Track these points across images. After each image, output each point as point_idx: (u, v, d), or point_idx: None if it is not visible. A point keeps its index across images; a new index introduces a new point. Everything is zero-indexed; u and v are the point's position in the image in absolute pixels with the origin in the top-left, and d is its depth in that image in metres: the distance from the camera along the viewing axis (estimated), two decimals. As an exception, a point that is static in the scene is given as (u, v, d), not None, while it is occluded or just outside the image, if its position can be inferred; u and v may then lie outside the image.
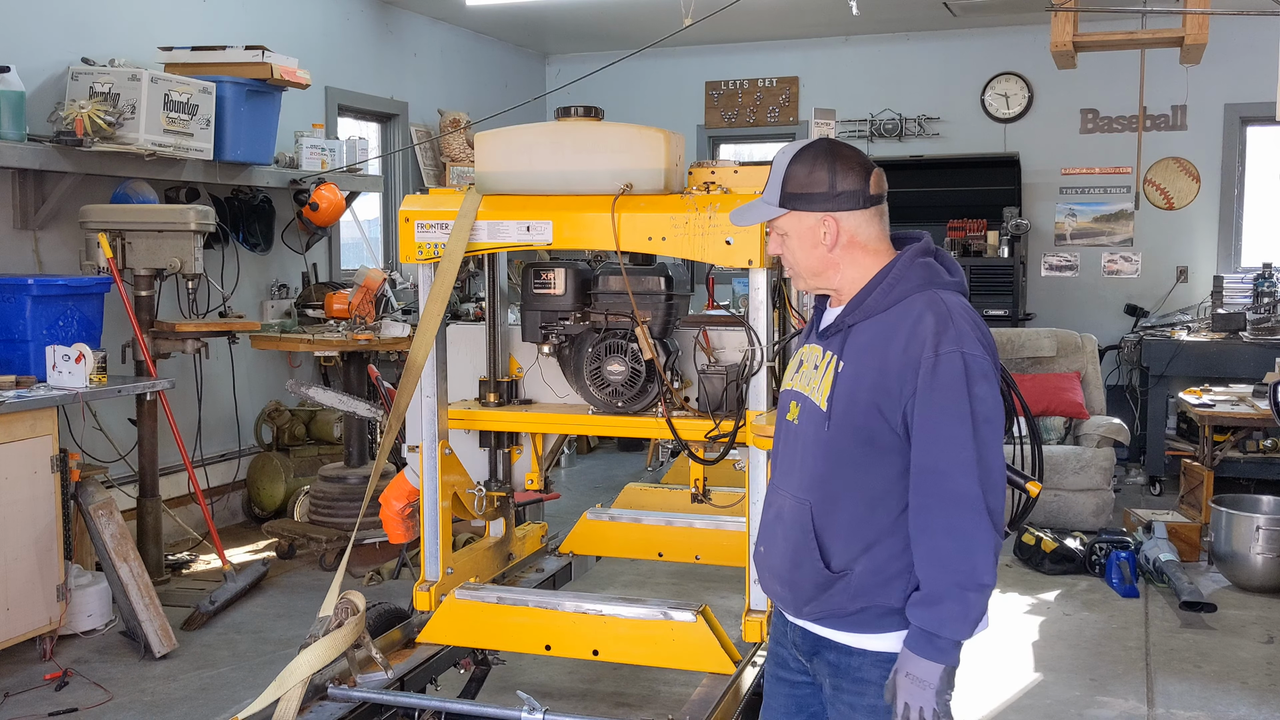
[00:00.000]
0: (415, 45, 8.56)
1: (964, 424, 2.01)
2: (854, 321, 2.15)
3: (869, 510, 2.11)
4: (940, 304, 2.08)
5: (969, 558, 1.99)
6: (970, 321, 2.08)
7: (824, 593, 2.14)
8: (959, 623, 2.01)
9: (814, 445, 2.16)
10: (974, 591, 2.00)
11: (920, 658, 2.02)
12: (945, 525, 2.01)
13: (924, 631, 2.02)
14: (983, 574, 2.00)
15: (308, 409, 6.88)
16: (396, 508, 3.74)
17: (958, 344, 2.03)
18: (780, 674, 2.37)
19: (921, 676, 2.01)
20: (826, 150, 2.17)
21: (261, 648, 4.72)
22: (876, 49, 9.47)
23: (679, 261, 4.15)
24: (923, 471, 2.04)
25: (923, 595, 2.04)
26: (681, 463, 4.26)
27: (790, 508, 2.21)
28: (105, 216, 5.26)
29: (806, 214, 2.16)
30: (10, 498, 4.32)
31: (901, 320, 2.09)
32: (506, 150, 3.33)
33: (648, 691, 4.26)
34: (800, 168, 2.16)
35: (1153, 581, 5.57)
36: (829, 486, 2.14)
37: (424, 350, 3.24)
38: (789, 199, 2.17)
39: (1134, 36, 5.12)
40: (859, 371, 2.10)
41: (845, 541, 2.13)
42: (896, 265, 2.15)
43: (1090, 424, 6.82)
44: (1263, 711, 4.15)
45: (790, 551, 2.19)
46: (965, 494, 2.00)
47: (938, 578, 2.01)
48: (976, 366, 2.03)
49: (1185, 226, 8.80)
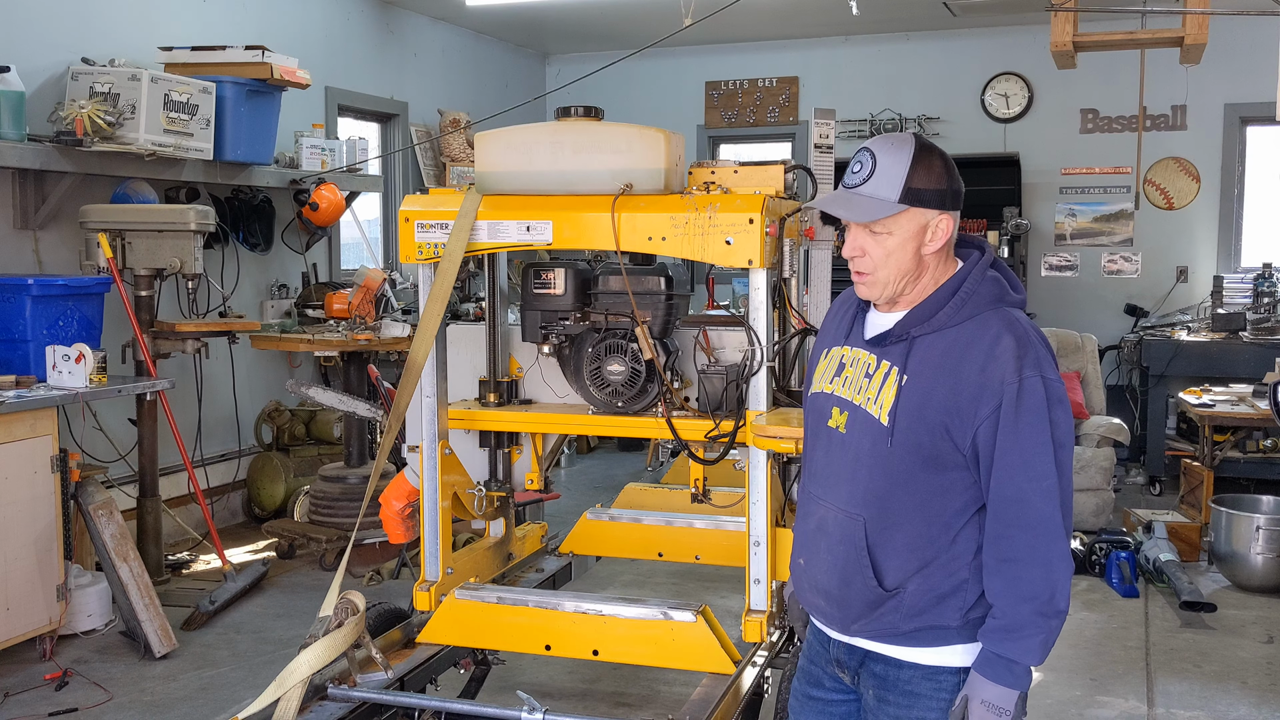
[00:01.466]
0: (415, 45, 8.56)
1: (1046, 450, 1.99)
2: (920, 334, 2.07)
3: (928, 528, 2.07)
4: (1018, 325, 2.04)
5: (1051, 585, 1.98)
6: (1044, 344, 2.05)
7: (874, 610, 2.10)
8: (1039, 651, 2.00)
9: (871, 460, 2.09)
10: (1055, 619, 2.00)
11: (997, 684, 2.00)
12: (1030, 554, 1.99)
13: (1002, 659, 2.00)
14: (1061, 601, 2.00)
15: (308, 409, 6.88)
16: (396, 508, 3.74)
17: (1038, 369, 2.00)
18: (813, 693, 2.30)
19: (999, 704, 2.00)
20: (930, 146, 2.09)
21: (261, 648, 4.72)
22: (876, 49, 9.47)
23: (679, 261, 4.16)
24: (1005, 500, 2.00)
25: (1003, 624, 2.01)
26: (681, 463, 4.25)
27: (838, 521, 2.14)
28: (105, 216, 5.26)
29: (925, 211, 2.06)
30: (10, 498, 4.32)
31: (977, 338, 2.03)
32: (506, 150, 3.33)
33: (648, 691, 4.26)
34: (921, 162, 2.05)
35: (1153, 581, 5.57)
36: (887, 504, 2.08)
37: (424, 350, 3.24)
38: (911, 195, 2.04)
39: (1134, 36, 5.11)
40: (929, 389, 2.03)
41: (902, 560, 2.08)
42: (969, 278, 2.08)
43: (1090, 424, 6.82)
44: (1262, 711, 4.15)
45: (839, 568, 2.13)
46: (1049, 521, 1.99)
47: (1019, 606, 1.99)
48: (1055, 392, 2.01)
49: (1185, 226, 8.80)
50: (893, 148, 2.07)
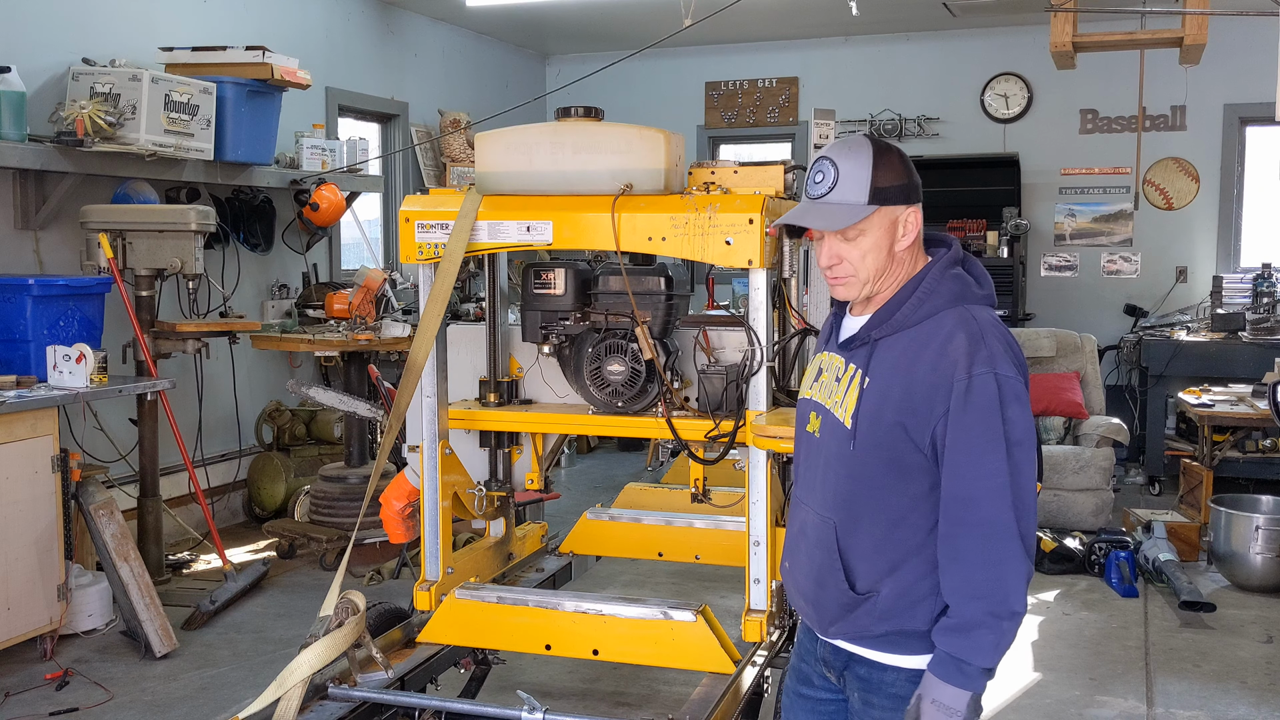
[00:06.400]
0: (416, 45, 8.57)
1: (997, 449, 1.96)
2: (881, 335, 2.08)
3: (893, 531, 2.06)
4: (972, 321, 2.02)
5: (1002, 586, 1.96)
6: (1002, 340, 2.02)
7: (850, 613, 2.11)
8: (991, 651, 1.97)
9: (838, 462, 2.11)
10: (1007, 620, 1.97)
11: (948, 684, 1.98)
12: (978, 553, 1.97)
13: (954, 658, 1.98)
14: (1015, 602, 1.96)
15: (308, 409, 6.88)
16: (397, 508, 3.74)
17: (990, 365, 1.97)
18: (803, 691, 2.31)
19: (949, 704, 1.98)
20: (885, 144, 2.09)
21: (262, 647, 4.73)
22: (876, 49, 9.47)
23: (679, 261, 4.16)
24: (954, 499, 1.99)
25: (954, 623, 2.00)
26: (681, 463, 4.26)
27: (814, 525, 2.16)
28: (106, 217, 5.26)
29: (895, 208, 2.07)
30: (11, 498, 4.33)
31: (931, 337, 2.03)
32: (506, 150, 3.33)
33: (648, 691, 4.26)
34: (882, 161, 2.06)
35: (1152, 581, 5.57)
36: (854, 507, 2.09)
37: (424, 350, 3.24)
38: (880, 194, 2.05)
39: (1133, 37, 5.12)
40: (885, 389, 2.04)
41: (870, 563, 2.09)
42: (928, 278, 2.08)
43: (1090, 424, 6.83)
44: (1262, 711, 4.16)
45: (814, 571, 2.15)
46: (998, 521, 1.96)
47: (970, 606, 1.97)
48: (1009, 388, 1.98)
49: (1185, 227, 8.80)
50: (851, 152, 2.08)
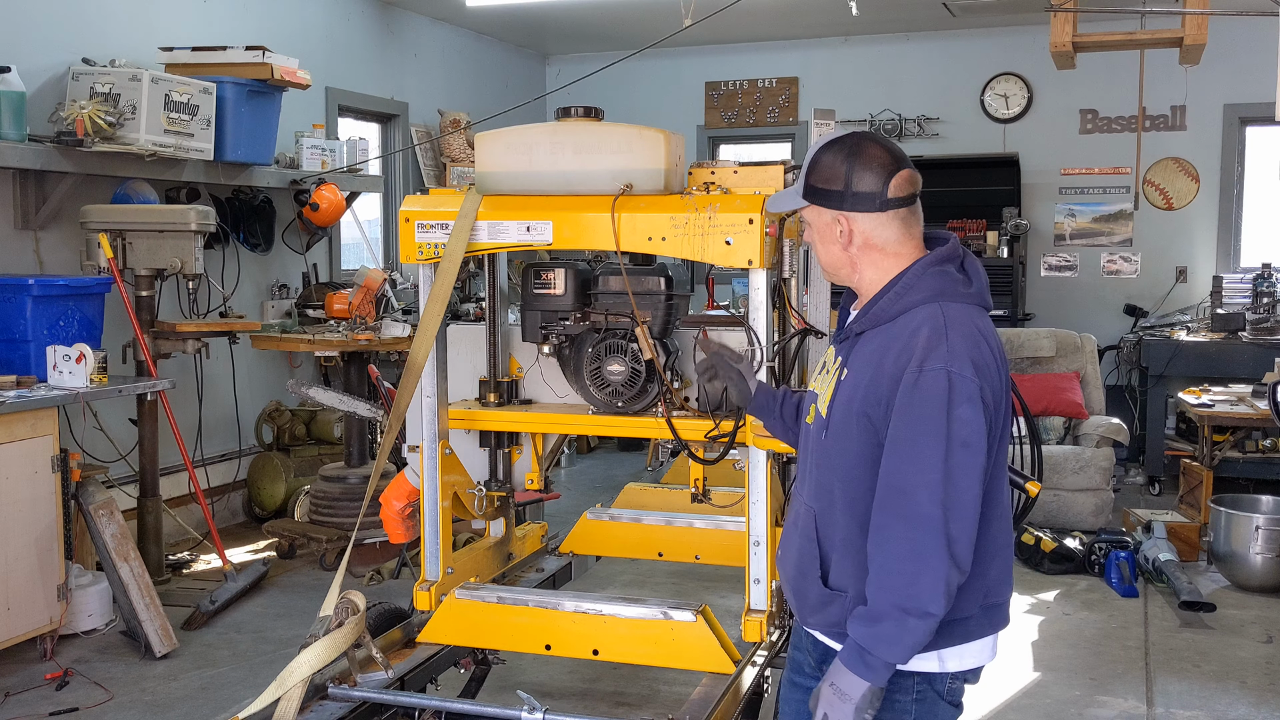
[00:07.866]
0: (416, 46, 8.57)
1: (937, 444, 1.92)
2: (861, 329, 2.11)
3: (861, 528, 2.05)
4: (939, 317, 2.00)
5: (915, 582, 1.92)
6: (969, 339, 1.99)
7: (826, 607, 2.12)
8: (893, 646, 1.94)
9: (817, 451, 2.15)
10: (915, 617, 1.92)
11: (848, 671, 1.97)
12: (899, 545, 1.94)
13: (858, 646, 1.97)
14: (927, 602, 1.91)
15: (308, 409, 6.88)
16: (396, 508, 3.74)
17: (944, 362, 1.94)
18: (795, 679, 2.33)
19: (845, 690, 1.96)
20: (851, 147, 2.10)
21: (262, 647, 4.73)
22: (876, 49, 9.47)
23: (679, 261, 4.16)
24: (886, 488, 1.97)
25: (865, 610, 1.98)
26: (681, 463, 4.26)
27: (801, 513, 2.19)
28: (106, 217, 5.27)
29: (824, 210, 2.12)
30: (11, 498, 4.33)
31: (902, 331, 2.02)
32: (506, 150, 3.33)
33: (648, 691, 4.26)
34: (824, 161, 2.11)
35: (1152, 581, 5.57)
36: (830, 497, 2.11)
37: (424, 350, 3.24)
38: (810, 192, 2.13)
39: (1133, 37, 5.13)
40: (857, 381, 2.06)
41: (840, 555, 2.09)
42: (907, 274, 2.08)
43: (1090, 424, 6.83)
44: (1262, 711, 4.16)
45: (797, 559, 2.17)
46: (925, 516, 1.92)
47: (882, 596, 1.95)
48: (962, 388, 1.93)
49: (1184, 227, 8.80)
50: (815, 146, 2.17)
